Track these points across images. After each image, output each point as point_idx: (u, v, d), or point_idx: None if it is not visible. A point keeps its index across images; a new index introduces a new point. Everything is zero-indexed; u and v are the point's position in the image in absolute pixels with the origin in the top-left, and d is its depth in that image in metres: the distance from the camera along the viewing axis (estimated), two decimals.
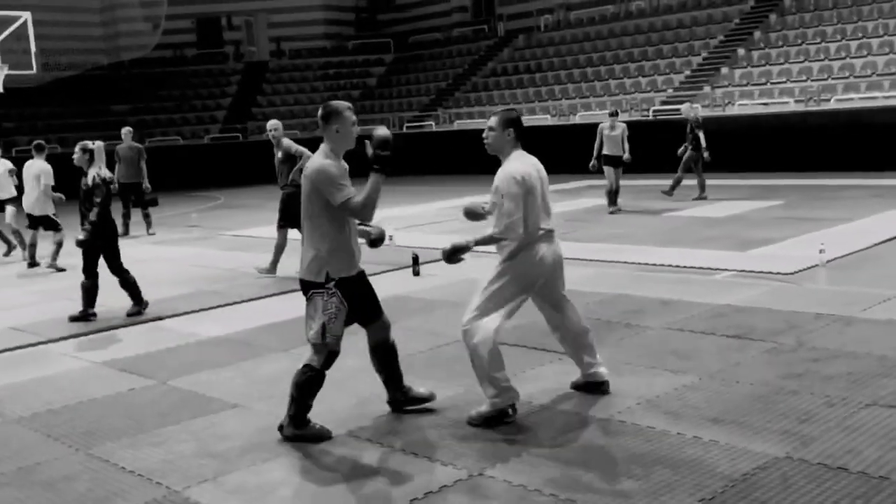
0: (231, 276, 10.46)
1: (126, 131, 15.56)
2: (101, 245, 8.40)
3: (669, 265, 9.37)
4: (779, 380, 5.39)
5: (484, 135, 5.07)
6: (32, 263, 11.85)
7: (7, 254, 13.09)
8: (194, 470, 4.54)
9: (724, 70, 23.34)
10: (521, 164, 4.96)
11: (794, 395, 5.09)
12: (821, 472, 4.04)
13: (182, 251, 13.14)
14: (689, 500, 3.84)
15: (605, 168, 14.52)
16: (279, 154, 10.13)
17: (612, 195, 14.48)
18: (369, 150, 4.70)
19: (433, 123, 28.23)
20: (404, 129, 28.56)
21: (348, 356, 6.55)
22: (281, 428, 4.86)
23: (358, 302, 4.87)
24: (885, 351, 5.81)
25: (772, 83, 21.88)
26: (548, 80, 27.52)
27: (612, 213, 14.32)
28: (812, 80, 21.08)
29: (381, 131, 4.71)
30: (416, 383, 5.74)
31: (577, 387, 5.42)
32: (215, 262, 11.68)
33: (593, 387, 5.34)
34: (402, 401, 5.23)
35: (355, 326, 5.01)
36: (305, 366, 4.80)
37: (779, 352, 5.99)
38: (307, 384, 4.78)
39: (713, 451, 4.37)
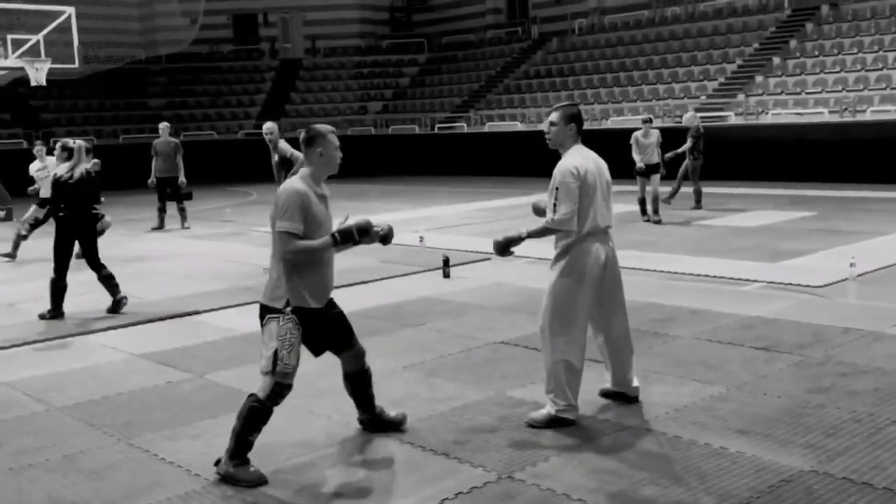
0: (264, 273, 10.61)
1: (163, 126, 15.82)
2: (79, 240, 8.54)
3: (699, 274, 9.42)
4: (806, 393, 5.44)
5: (545, 129, 5.10)
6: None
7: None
8: None
9: (759, 78, 23.25)
10: (579, 158, 4.98)
11: (821, 409, 5.15)
12: (846, 487, 4.10)
13: (216, 246, 13.36)
14: None
15: (638, 177, 14.32)
16: (275, 157, 10.37)
17: (644, 204, 14.31)
18: (348, 223, 4.47)
19: (465, 125, 28.34)
20: (436, 130, 28.70)
21: (379, 356, 6.70)
22: (217, 463, 4.52)
23: (325, 330, 4.65)
24: None
25: (807, 93, 21.77)
26: (580, 84, 27.53)
27: (646, 221, 14.06)
28: (848, 91, 20.95)
29: (367, 223, 4.48)
30: (446, 386, 5.88)
31: (606, 394, 5.50)
32: (249, 257, 11.87)
33: (623, 398, 5.42)
34: (373, 423, 5.08)
35: (390, 322, 5.11)
36: (251, 396, 4.49)
37: (806, 365, 6.04)
38: (250, 417, 4.42)
39: (739, 462, 4.44)
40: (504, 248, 5.07)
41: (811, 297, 8.22)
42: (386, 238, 4.60)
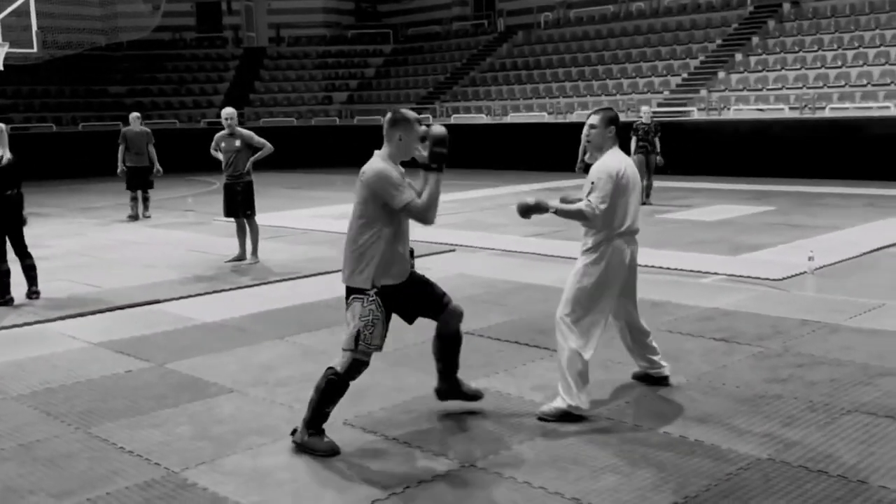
0: (226, 263, 10.54)
1: (134, 116, 15.57)
2: (5, 227, 8.46)
3: (660, 267, 9.50)
4: (764, 384, 5.53)
5: (585, 132, 5.21)
6: None
7: None
8: (192, 452, 4.64)
9: (721, 74, 23.48)
10: (619, 161, 5.11)
11: (779, 399, 5.23)
12: (801, 475, 4.17)
13: (178, 235, 13.22)
14: (672, 497, 3.97)
15: None
16: (237, 143, 10.30)
17: None
18: (423, 151, 4.62)
19: (430, 117, 28.29)
20: None
21: (342, 345, 6.68)
22: (294, 432, 4.70)
23: (411, 301, 4.76)
24: (867, 359, 5.96)
25: (768, 89, 22.04)
26: (546, 78, 27.62)
27: None
28: (808, 88, 21.25)
29: (439, 129, 4.59)
30: (409, 376, 5.88)
31: (638, 378, 5.64)
32: (210, 247, 11.76)
33: (656, 380, 5.56)
34: (450, 392, 5.11)
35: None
36: (330, 369, 4.63)
37: (764, 356, 6.13)
38: (328, 390, 4.59)
39: (698, 451, 4.50)
40: (527, 210, 5.09)
41: (770, 289, 8.34)
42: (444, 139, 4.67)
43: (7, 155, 8.37)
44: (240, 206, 10.40)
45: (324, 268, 9.97)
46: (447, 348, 5.01)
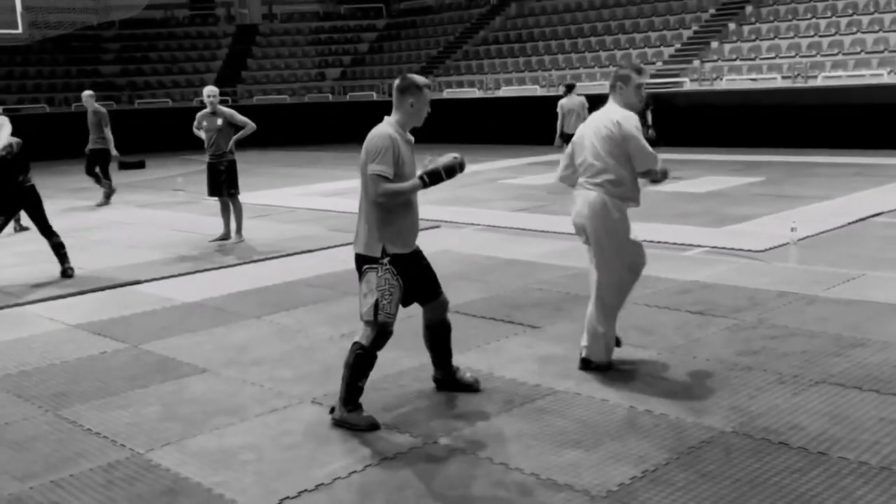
0: (210, 242, 10.53)
1: (87, 95, 14.50)
2: (27, 211, 8.77)
3: (644, 240, 9.43)
4: (735, 356, 5.53)
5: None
6: (20, 228, 11.74)
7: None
8: (158, 433, 4.65)
9: (714, 44, 23.33)
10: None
11: (748, 372, 5.23)
12: (763, 447, 4.18)
13: (165, 215, 13.21)
14: (633, 471, 3.98)
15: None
16: (218, 121, 10.26)
17: None
18: (435, 163, 4.56)
19: None
20: None
21: (319, 324, 6.69)
22: (332, 410, 4.70)
23: (414, 280, 4.72)
24: (840, 330, 5.95)
25: (761, 59, 21.90)
26: (538, 51, 27.45)
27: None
28: (801, 57, 21.11)
29: (453, 160, 4.56)
30: (383, 353, 5.86)
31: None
32: (196, 227, 11.75)
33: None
34: (448, 383, 5.11)
35: (333, 291, 5.09)
36: (355, 344, 4.61)
37: (739, 329, 6.12)
38: (357, 364, 4.58)
39: (662, 424, 4.51)
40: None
41: (751, 261, 8.33)
42: (462, 166, 4.65)
43: (14, 142, 8.51)
44: (223, 185, 10.37)
45: (308, 246, 9.96)
46: (438, 337, 5.00)
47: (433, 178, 4.54)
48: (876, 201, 11.47)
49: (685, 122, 20.79)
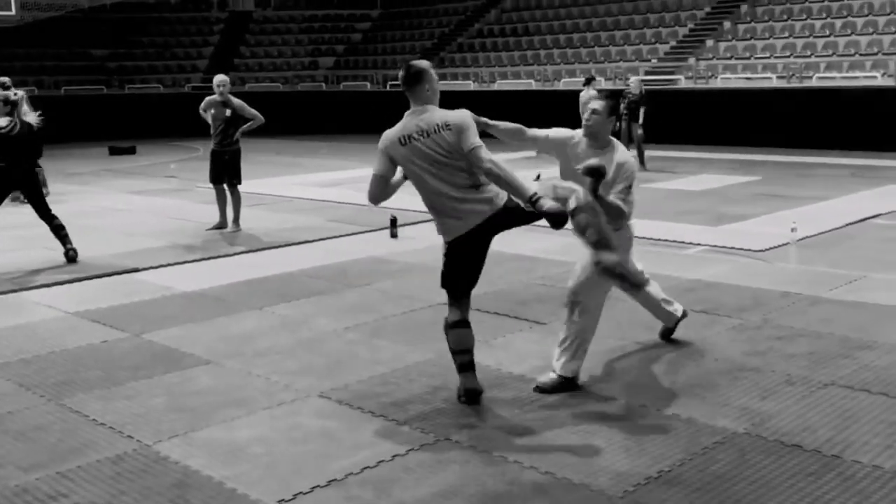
0: (206, 231, 10.45)
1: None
2: (23, 192, 8.85)
3: (643, 237, 9.44)
4: (742, 356, 5.51)
5: (587, 117, 5.13)
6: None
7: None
8: (165, 424, 4.60)
9: (710, 43, 23.34)
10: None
11: (757, 373, 5.22)
12: (777, 449, 4.17)
13: (159, 202, 13.10)
14: (648, 471, 3.96)
15: None
16: (227, 112, 10.17)
17: None
18: (550, 199, 4.36)
19: None
20: (388, 87, 28.37)
21: (321, 316, 6.64)
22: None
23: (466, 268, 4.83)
24: (846, 332, 5.95)
25: (756, 58, 21.93)
26: (534, 45, 27.39)
27: None
28: (795, 57, 21.15)
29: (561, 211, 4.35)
30: (387, 348, 5.84)
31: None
32: (192, 215, 11.66)
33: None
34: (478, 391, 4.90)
35: (334, 282, 5.03)
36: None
37: (744, 328, 6.11)
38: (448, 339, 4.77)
39: (675, 424, 4.49)
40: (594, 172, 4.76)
41: (752, 261, 8.33)
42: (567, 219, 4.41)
43: (18, 123, 8.48)
44: (226, 174, 10.29)
45: (307, 236, 9.90)
46: (467, 336, 4.78)
47: (544, 212, 4.31)
48: (873, 203, 11.49)
49: (681, 119, 20.79)
